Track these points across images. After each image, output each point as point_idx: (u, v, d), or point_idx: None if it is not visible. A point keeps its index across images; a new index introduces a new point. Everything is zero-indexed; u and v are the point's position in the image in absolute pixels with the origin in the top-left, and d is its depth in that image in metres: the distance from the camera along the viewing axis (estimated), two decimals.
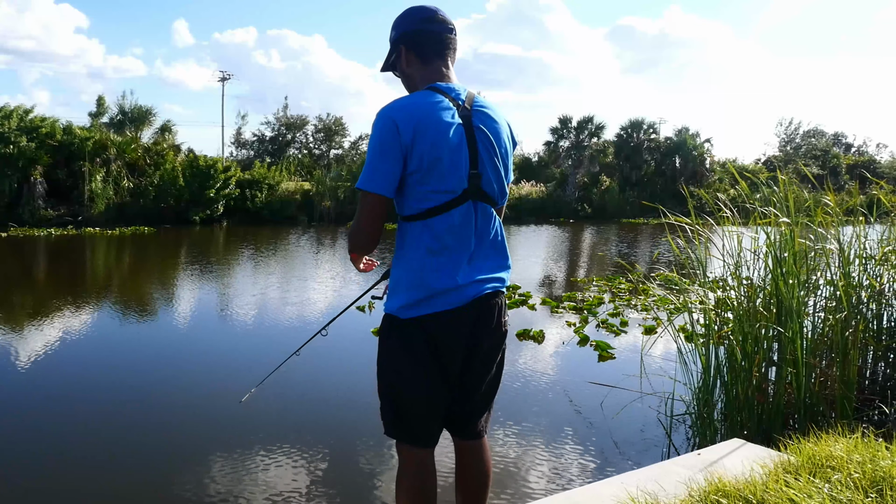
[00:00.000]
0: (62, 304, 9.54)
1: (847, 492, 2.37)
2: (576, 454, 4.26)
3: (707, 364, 4.32)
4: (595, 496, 2.82)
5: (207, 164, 24.23)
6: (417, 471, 2.08)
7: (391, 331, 2.08)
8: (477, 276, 2.04)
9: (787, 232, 4.21)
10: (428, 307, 1.99)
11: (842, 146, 58.97)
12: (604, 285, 10.83)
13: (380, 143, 1.94)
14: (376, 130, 1.96)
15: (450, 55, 2.12)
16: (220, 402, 5.17)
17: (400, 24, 2.13)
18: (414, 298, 1.99)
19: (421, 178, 1.95)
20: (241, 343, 7.32)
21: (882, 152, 58.31)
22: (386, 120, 1.94)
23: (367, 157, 1.97)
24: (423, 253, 1.99)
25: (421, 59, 2.10)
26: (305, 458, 4.12)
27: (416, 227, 2.00)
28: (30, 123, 22.25)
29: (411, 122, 1.92)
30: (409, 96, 2.04)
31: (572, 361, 6.50)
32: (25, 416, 4.89)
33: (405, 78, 2.17)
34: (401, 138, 1.92)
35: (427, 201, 1.97)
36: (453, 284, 1.99)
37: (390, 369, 2.08)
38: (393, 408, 2.09)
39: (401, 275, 2.04)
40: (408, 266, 2.02)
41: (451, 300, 2.00)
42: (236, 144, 43.43)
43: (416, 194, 1.98)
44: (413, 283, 2.00)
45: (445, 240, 1.99)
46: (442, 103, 1.99)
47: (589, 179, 34.27)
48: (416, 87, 2.11)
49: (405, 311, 2.02)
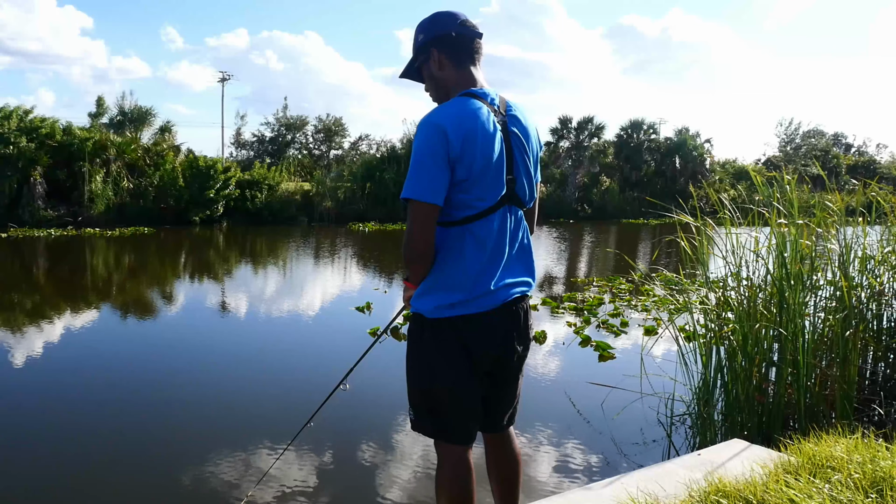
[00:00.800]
0: (61, 304, 9.54)
1: (847, 492, 2.37)
2: (576, 454, 4.26)
3: (707, 364, 4.32)
4: (595, 496, 2.81)
5: (207, 165, 24.20)
6: (456, 468, 2.09)
7: (423, 330, 2.09)
8: (507, 280, 2.09)
9: (792, 232, 4.20)
10: (463, 309, 2.02)
11: (842, 146, 59.00)
12: (604, 285, 10.83)
13: (430, 151, 1.92)
14: (425, 139, 1.93)
15: (479, 60, 2.13)
16: (220, 402, 5.16)
17: (430, 27, 2.12)
18: (450, 300, 2.01)
19: (467, 187, 1.96)
20: (241, 342, 7.32)
21: (882, 152, 58.40)
22: (435, 129, 1.92)
23: (414, 166, 1.95)
24: (463, 257, 2.01)
25: (455, 63, 2.09)
26: (306, 457, 4.12)
27: (456, 232, 2.01)
28: (29, 124, 22.24)
29: (461, 132, 1.92)
30: (454, 105, 2.00)
31: (573, 362, 6.50)
32: (25, 417, 4.89)
33: (435, 82, 2.14)
34: (450, 148, 1.91)
35: (469, 209, 1.99)
36: (489, 288, 2.03)
37: (424, 368, 2.09)
38: (428, 406, 2.10)
39: (438, 276, 2.04)
40: (446, 269, 2.02)
41: (484, 303, 2.03)
42: (236, 145, 43.51)
43: (459, 203, 1.98)
44: (451, 286, 2.01)
45: (486, 244, 2.02)
46: (483, 111, 1.99)
47: (589, 180, 34.27)
48: (449, 91, 2.10)
49: (439, 312, 2.03)
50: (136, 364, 6.36)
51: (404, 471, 3.94)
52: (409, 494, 3.66)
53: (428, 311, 2.06)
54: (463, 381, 2.06)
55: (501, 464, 2.29)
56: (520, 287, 2.14)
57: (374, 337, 7.26)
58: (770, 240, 4.34)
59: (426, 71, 2.14)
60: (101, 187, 22.46)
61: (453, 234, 2.01)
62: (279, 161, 34.07)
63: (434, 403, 2.08)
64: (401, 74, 2.22)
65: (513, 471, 2.30)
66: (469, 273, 2.01)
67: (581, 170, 34.76)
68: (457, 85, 2.08)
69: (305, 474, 3.90)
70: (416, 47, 2.15)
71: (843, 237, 4.52)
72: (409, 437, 4.37)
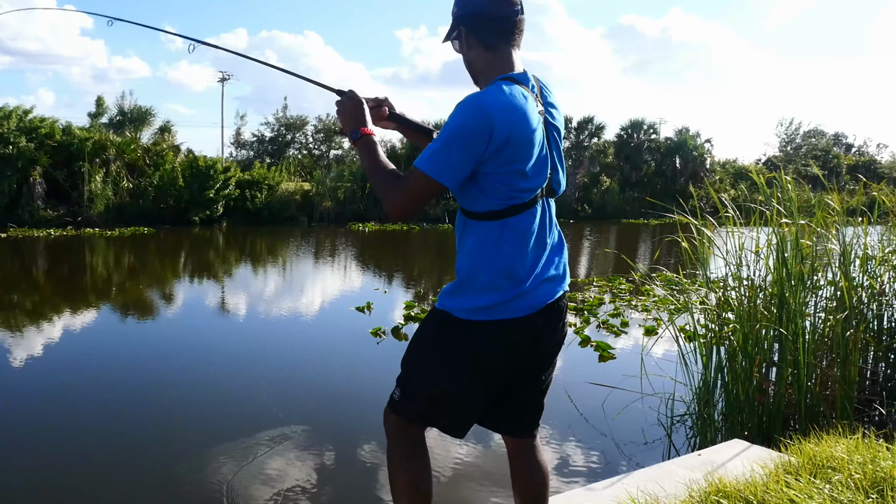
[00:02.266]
0: (61, 304, 9.54)
1: (848, 492, 2.36)
2: (576, 454, 4.26)
3: (708, 364, 4.31)
4: (595, 496, 2.81)
5: (207, 165, 24.19)
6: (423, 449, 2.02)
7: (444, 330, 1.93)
8: (549, 274, 1.95)
9: (792, 232, 4.20)
10: (504, 312, 1.87)
11: (842, 146, 59.00)
12: (604, 285, 10.82)
13: (465, 136, 1.77)
14: (467, 121, 1.78)
15: (518, 40, 1.95)
16: (219, 402, 5.16)
17: (461, 1, 1.95)
18: (490, 302, 1.87)
19: (511, 179, 1.84)
20: (240, 342, 7.32)
21: (882, 152, 58.36)
22: (482, 115, 1.77)
23: (444, 142, 1.79)
24: (501, 253, 1.87)
25: (483, 45, 1.93)
26: (307, 456, 4.11)
27: (494, 226, 1.87)
28: (29, 124, 22.23)
29: (508, 123, 1.78)
30: (502, 93, 1.82)
31: (573, 362, 6.50)
32: (24, 417, 4.88)
33: (466, 61, 2.00)
34: (493, 139, 1.77)
35: (512, 199, 1.86)
36: (532, 287, 1.90)
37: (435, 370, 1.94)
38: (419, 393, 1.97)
39: (475, 274, 1.89)
40: (484, 266, 1.88)
41: (526, 304, 1.89)
42: (236, 145, 43.45)
43: (502, 193, 1.85)
44: (490, 286, 1.87)
45: (527, 238, 1.89)
46: (529, 101, 1.86)
47: (589, 180, 34.25)
48: (477, 74, 1.97)
49: (475, 314, 1.88)
50: (136, 364, 6.36)
51: None
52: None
53: (458, 310, 1.90)
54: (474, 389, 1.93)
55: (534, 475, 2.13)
56: (562, 283, 2.00)
57: (375, 337, 7.26)
58: (771, 240, 4.33)
59: (456, 47, 2.01)
60: (101, 187, 22.44)
61: (491, 228, 1.87)
62: (279, 161, 34.03)
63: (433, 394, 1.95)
64: (443, 40, 2.04)
65: (544, 483, 2.15)
66: (509, 272, 1.87)
67: (581, 170, 34.74)
68: (487, 68, 1.94)
69: (306, 474, 3.89)
70: (453, 19, 1.99)
71: (844, 237, 4.52)
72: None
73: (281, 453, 4.15)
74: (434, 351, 1.96)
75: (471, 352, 1.90)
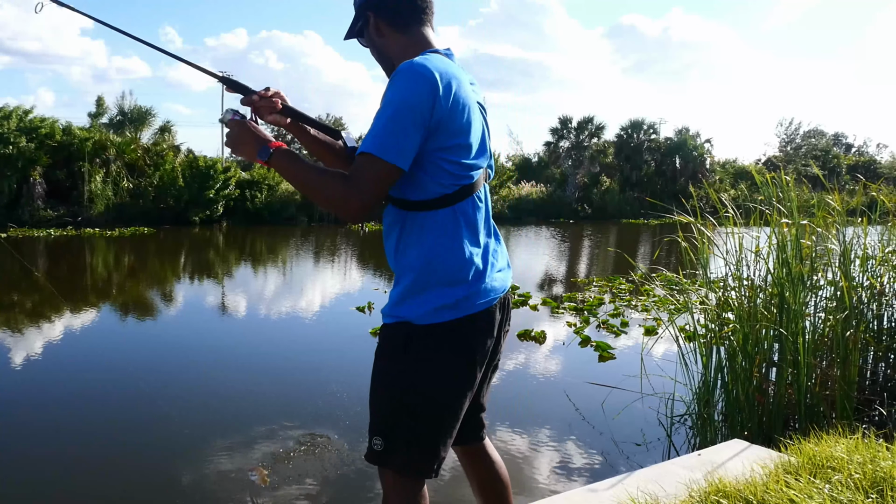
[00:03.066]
0: (61, 304, 9.53)
1: (847, 492, 2.36)
2: (576, 454, 4.26)
3: (707, 364, 4.32)
4: (595, 496, 2.81)
5: (207, 165, 24.20)
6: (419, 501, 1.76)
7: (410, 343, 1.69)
8: (499, 266, 1.80)
9: (792, 232, 4.20)
10: (467, 307, 1.69)
11: (842, 146, 58.99)
12: (604, 285, 10.82)
13: (410, 105, 1.56)
14: (407, 89, 1.58)
15: (430, 18, 1.81)
16: (219, 402, 5.16)
17: None
18: (453, 298, 1.67)
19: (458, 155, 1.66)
20: (241, 342, 7.32)
21: (882, 152, 58.32)
22: (423, 80, 1.57)
23: (388, 119, 1.58)
24: (458, 243, 1.69)
25: (396, 28, 1.78)
26: (307, 456, 4.12)
27: (448, 214, 1.68)
28: (29, 124, 22.22)
29: (449, 89, 1.60)
30: (437, 58, 1.66)
31: (573, 362, 6.50)
32: (24, 417, 4.88)
33: (377, 50, 1.84)
34: (437, 105, 1.58)
35: (461, 179, 1.68)
36: (489, 278, 1.74)
37: (415, 391, 1.69)
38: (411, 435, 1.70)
39: (431, 271, 1.68)
40: (441, 260, 1.68)
41: (486, 297, 1.72)
42: None
43: (447, 172, 1.66)
44: (450, 280, 1.68)
45: (477, 226, 1.72)
46: (462, 70, 1.73)
47: (589, 180, 34.26)
48: (393, 61, 1.79)
49: (439, 315, 1.68)
50: (136, 364, 6.35)
51: None
52: None
53: (420, 316, 1.68)
54: (461, 401, 1.73)
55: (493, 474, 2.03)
56: (509, 273, 1.84)
57: (376, 337, 7.27)
58: (771, 240, 4.34)
59: (367, 38, 1.84)
60: (101, 187, 22.44)
61: (444, 216, 1.68)
62: None
63: (416, 429, 1.70)
64: (345, 36, 1.88)
65: (505, 482, 2.04)
66: (469, 262, 1.69)
67: (581, 170, 34.76)
68: (404, 52, 1.74)
69: (306, 474, 3.89)
70: (354, 7, 1.84)
71: (844, 237, 4.52)
72: None
73: (281, 452, 4.16)
74: (409, 374, 1.69)
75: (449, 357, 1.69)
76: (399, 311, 1.72)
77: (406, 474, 1.73)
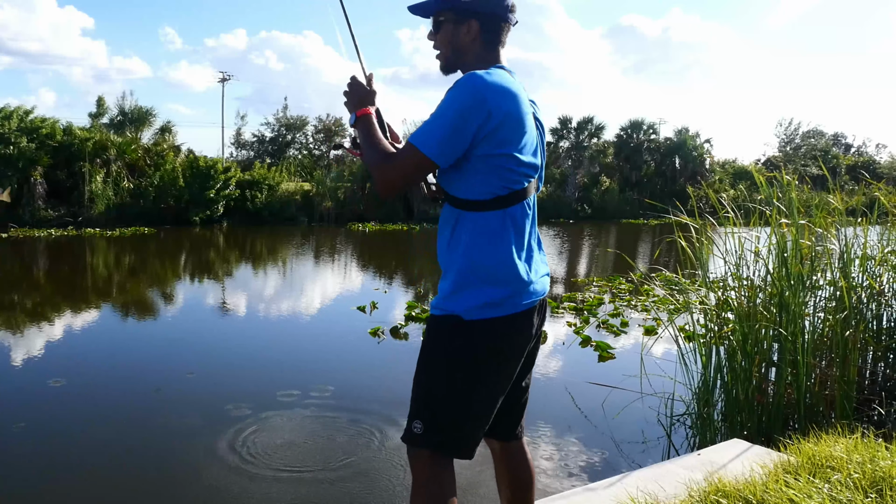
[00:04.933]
0: (61, 304, 9.54)
1: (847, 492, 2.37)
2: (576, 454, 4.26)
3: (707, 364, 4.32)
4: (595, 496, 2.82)
5: (207, 165, 24.21)
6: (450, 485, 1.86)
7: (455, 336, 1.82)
8: (540, 270, 1.94)
9: (792, 232, 4.21)
10: (511, 307, 1.82)
11: (841, 146, 58.97)
12: (604, 285, 10.83)
13: (461, 112, 1.74)
14: (464, 98, 1.75)
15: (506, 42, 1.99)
16: (219, 401, 5.16)
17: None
18: (496, 297, 1.80)
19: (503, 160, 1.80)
20: (241, 341, 7.32)
21: (882, 152, 58.27)
22: (478, 92, 1.74)
23: (439, 120, 1.76)
24: (506, 245, 1.82)
25: (485, 42, 1.92)
26: (307, 456, 4.12)
27: (498, 216, 1.82)
28: (30, 124, 22.24)
29: (505, 103, 1.77)
30: (499, 74, 1.82)
31: (573, 362, 6.50)
32: (24, 416, 4.89)
33: (453, 49, 1.95)
34: (490, 115, 1.74)
35: (513, 183, 1.82)
36: (531, 281, 1.87)
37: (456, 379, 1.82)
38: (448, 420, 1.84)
39: (478, 269, 1.81)
40: (489, 259, 1.81)
41: (527, 299, 1.85)
42: (236, 145, 43.46)
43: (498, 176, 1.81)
44: (496, 279, 1.81)
45: (523, 230, 1.86)
46: (522, 87, 1.88)
47: (589, 180, 34.26)
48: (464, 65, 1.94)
49: (481, 312, 1.80)
50: (135, 364, 6.36)
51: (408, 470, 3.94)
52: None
53: (468, 311, 1.81)
54: (497, 393, 1.88)
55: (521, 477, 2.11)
56: (548, 280, 1.99)
57: (374, 337, 7.27)
58: (770, 240, 4.34)
59: (448, 31, 1.94)
60: (102, 187, 22.46)
61: (493, 217, 1.81)
62: (279, 161, 34.06)
63: (456, 414, 1.84)
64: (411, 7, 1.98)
65: (531, 483, 2.13)
66: (514, 264, 1.82)
67: (581, 170, 34.75)
68: (478, 62, 1.91)
69: (305, 473, 3.90)
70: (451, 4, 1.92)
71: (844, 237, 4.52)
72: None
73: (281, 452, 4.16)
74: (453, 363, 1.83)
75: (492, 351, 1.83)
76: (447, 305, 1.85)
77: (443, 453, 1.86)
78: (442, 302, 1.86)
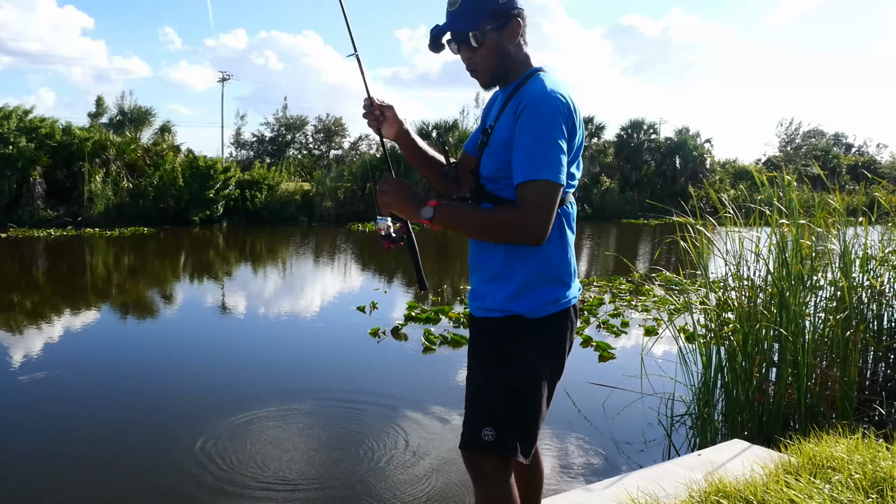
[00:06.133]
0: (61, 304, 9.54)
1: (847, 492, 2.36)
2: (576, 454, 4.26)
3: (707, 365, 4.31)
4: (595, 496, 2.81)
5: (207, 165, 24.21)
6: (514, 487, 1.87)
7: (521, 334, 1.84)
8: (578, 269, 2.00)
9: (792, 232, 4.20)
10: (567, 302, 1.89)
11: (842, 146, 58.97)
12: (604, 286, 10.83)
13: (559, 129, 1.73)
14: (555, 114, 1.72)
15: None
16: (219, 401, 5.16)
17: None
18: (558, 294, 1.86)
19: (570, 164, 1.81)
20: (241, 341, 7.32)
21: (882, 152, 58.32)
22: (564, 105, 1.75)
23: (546, 143, 1.70)
24: (563, 244, 1.88)
25: (524, 41, 1.89)
26: (307, 456, 4.12)
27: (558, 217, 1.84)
28: (29, 124, 22.25)
29: (576, 109, 1.81)
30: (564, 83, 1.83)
31: (573, 362, 6.42)
32: (24, 416, 4.88)
33: (500, 57, 1.85)
34: (571, 126, 1.77)
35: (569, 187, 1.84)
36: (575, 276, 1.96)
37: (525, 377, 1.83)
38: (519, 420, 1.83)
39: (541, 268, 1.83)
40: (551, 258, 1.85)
41: (576, 293, 1.94)
42: (236, 145, 43.46)
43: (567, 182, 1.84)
44: (557, 278, 1.86)
45: (573, 229, 1.93)
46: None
47: (589, 180, 34.26)
48: (509, 71, 1.87)
49: (545, 309, 1.84)
50: (135, 364, 6.36)
51: (414, 470, 3.94)
52: (412, 493, 3.66)
53: (532, 310, 1.83)
54: (554, 386, 1.92)
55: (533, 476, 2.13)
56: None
57: (374, 337, 7.27)
58: (771, 240, 4.34)
59: (493, 40, 1.82)
60: (101, 187, 22.46)
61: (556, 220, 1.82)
62: (279, 161, 34.04)
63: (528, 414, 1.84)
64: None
65: (541, 483, 2.16)
66: (570, 262, 1.90)
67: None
68: (526, 61, 1.89)
69: (305, 473, 3.90)
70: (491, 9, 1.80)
71: (844, 237, 4.52)
72: (418, 436, 4.38)
73: (280, 452, 4.16)
74: (519, 362, 1.83)
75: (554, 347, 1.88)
76: (510, 306, 1.84)
77: (513, 457, 1.82)
78: (504, 304, 1.84)
